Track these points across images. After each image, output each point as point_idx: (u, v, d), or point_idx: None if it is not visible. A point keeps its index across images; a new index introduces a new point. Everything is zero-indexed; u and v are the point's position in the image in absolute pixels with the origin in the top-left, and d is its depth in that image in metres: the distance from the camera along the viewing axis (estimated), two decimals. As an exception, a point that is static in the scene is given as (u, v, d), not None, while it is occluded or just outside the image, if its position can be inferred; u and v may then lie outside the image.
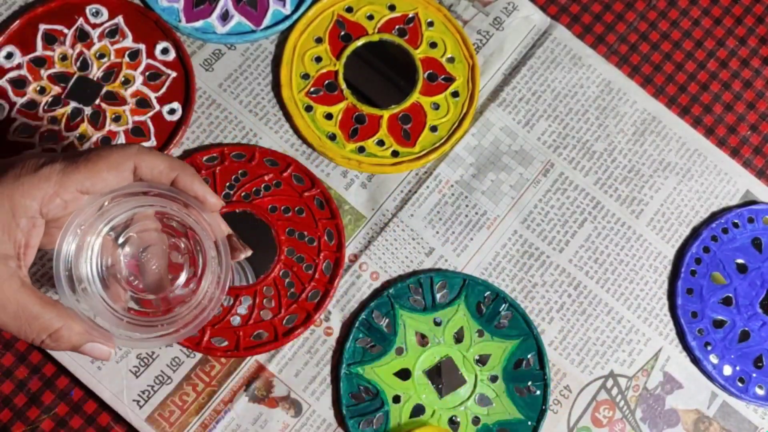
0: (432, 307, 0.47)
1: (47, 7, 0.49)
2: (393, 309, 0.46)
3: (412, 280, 0.47)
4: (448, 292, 0.47)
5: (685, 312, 0.49)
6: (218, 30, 0.51)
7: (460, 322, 0.46)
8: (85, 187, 0.34)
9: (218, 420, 0.45)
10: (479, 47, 0.53)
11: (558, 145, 0.51)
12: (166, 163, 0.36)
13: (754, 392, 0.48)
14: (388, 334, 0.46)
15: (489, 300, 0.47)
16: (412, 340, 0.46)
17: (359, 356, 0.45)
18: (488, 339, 0.46)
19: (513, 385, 0.46)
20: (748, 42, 0.54)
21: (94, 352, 0.35)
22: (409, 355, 0.46)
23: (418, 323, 0.46)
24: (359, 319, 0.46)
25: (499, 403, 0.46)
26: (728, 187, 0.51)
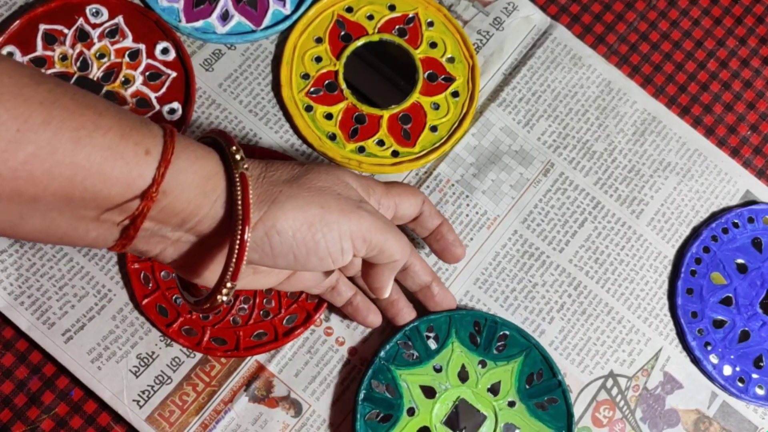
0: (427, 356, 0.45)
1: (47, 7, 0.49)
2: (390, 371, 0.45)
3: (399, 337, 0.45)
4: (438, 335, 0.46)
5: (685, 312, 0.49)
6: (218, 30, 0.51)
7: (459, 361, 0.45)
8: (398, 201, 0.42)
9: (218, 420, 0.45)
10: (479, 47, 0.53)
11: (558, 145, 0.51)
12: (440, 219, 0.45)
13: (754, 392, 0.48)
14: (393, 399, 0.44)
15: (480, 328, 0.46)
16: (420, 396, 0.45)
17: (373, 431, 0.44)
18: (492, 366, 0.45)
19: (532, 403, 0.45)
20: (748, 42, 0.54)
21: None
22: (422, 412, 0.44)
23: (420, 377, 0.45)
24: (359, 395, 0.44)
25: (526, 426, 0.45)
26: (728, 187, 0.51)
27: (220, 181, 0.35)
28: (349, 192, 0.38)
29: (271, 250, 0.36)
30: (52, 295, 0.46)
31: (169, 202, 0.34)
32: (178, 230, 0.36)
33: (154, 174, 0.33)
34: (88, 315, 0.46)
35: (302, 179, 0.37)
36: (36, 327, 0.45)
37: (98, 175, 0.32)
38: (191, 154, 0.34)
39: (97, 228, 0.34)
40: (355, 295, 0.45)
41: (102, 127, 0.32)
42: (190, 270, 0.38)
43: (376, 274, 0.41)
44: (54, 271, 0.46)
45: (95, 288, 0.46)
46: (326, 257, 0.37)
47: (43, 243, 0.36)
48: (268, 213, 0.35)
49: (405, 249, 0.40)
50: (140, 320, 0.46)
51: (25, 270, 0.46)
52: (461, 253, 0.45)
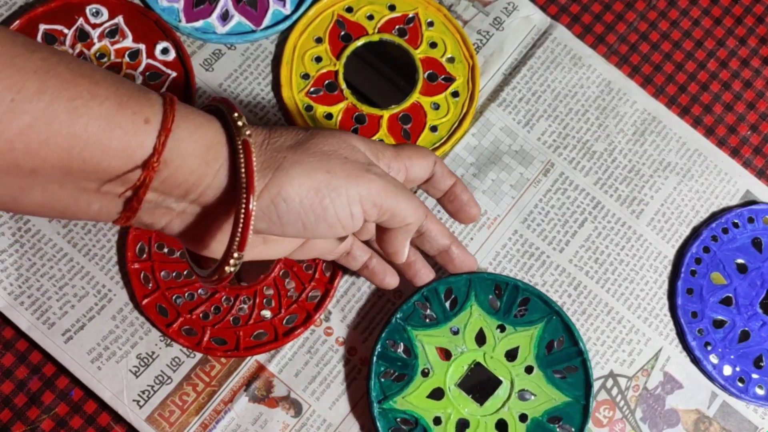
0: (445, 318, 0.45)
1: (47, 7, 0.49)
2: (406, 332, 0.44)
3: (417, 297, 0.45)
4: (457, 297, 0.45)
5: (685, 312, 0.49)
6: (218, 30, 0.51)
7: (477, 324, 0.45)
8: (408, 164, 0.40)
9: (218, 420, 0.45)
10: (479, 47, 0.53)
11: (558, 145, 0.51)
12: (452, 179, 0.43)
13: (754, 392, 0.48)
14: (408, 359, 0.44)
15: (501, 292, 0.45)
16: (435, 358, 0.44)
17: (387, 390, 0.44)
18: (511, 332, 0.45)
19: (551, 370, 0.44)
20: (748, 42, 0.54)
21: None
22: (437, 374, 0.44)
23: (436, 338, 0.45)
24: (375, 353, 0.44)
25: (542, 393, 0.44)
26: (728, 187, 0.51)
27: (223, 150, 0.34)
28: (357, 155, 0.37)
29: (279, 218, 0.35)
30: (52, 295, 0.46)
31: (171, 172, 0.33)
32: (183, 201, 0.35)
33: (155, 143, 0.32)
34: (88, 315, 0.46)
35: (307, 144, 0.36)
36: (36, 327, 0.45)
37: (96, 145, 0.31)
38: (192, 123, 0.34)
39: (100, 200, 0.33)
40: (371, 258, 0.45)
41: (99, 96, 0.31)
42: (197, 242, 0.37)
43: (390, 238, 0.40)
44: (54, 271, 0.46)
45: (95, 288, 0.46)
46: (336, 223, 0.36)
47: (46, 217, 0.35)
48: (273, 180, 0.35)
49: (418, 211, 0.39)
50: (140, 320, 0.46)
51: (25, 270, 0.46)
52: (476, 213, 0.44)
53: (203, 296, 0.46)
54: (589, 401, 0.44)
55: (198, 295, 0.46)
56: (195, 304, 0.46)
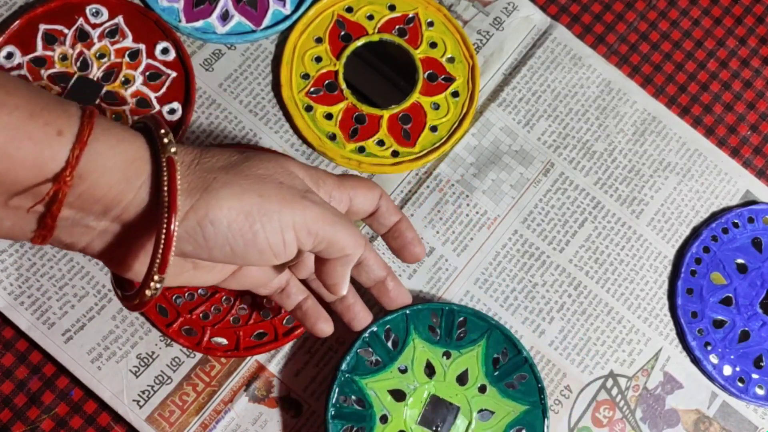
0: (390, 359, 0.44)
1: (47, 7, 0.49)
2: (355, 383, 0.43)
3: (358, 345, 0.43)
4: (397, 335, 0.45)
5: (685, 312, 0.49)
6: (218, 30, 0.51)
7: (423, 357, 0.44)
8: (352, 194, 0.39)
9: (218, 420, 0.45)
10: (479, 47, 0.53)
11: (558, 145, 0.51)
12: (398, 216, 0.42)
13: (754, 392, 0.48)
14: (363, 410, 0.43)
15: (438, 319, 0.45)
16: (390, 401, 0.43)
17: None
18: (457, 355, 0.45)
19: (503, 384, 0.45)
20: (749, 42, 0.54)
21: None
22: (395, 417, 0.43)
23: (386, 382, 0.44)
24: (329, 414, 0.43)
25: (500, 408, 0.44)
26: (728, 187, 0.51)
27: (145, 166, 0.33)
28: (293, 181, 0.36)
29: (205, 241, 0.33)
30: (52, 295, 0.46)
31: (88, 188, 0.31)
32: (103, 219, 0.33)
33: (68, 156, 0.30)
34: (88, 315, 0.46)
35: (240, 166, 0.35)
36: (36, 327, 0.45)
37: (3, 156, 0.29)
38: (113, 137, 0.32)
39: (10, 216, 0.32)
40: (306, 299, 0.43)
41: (7, 105, 0.30)
42: (120, 263, 0.35)
43: (328, 270, 0.38)
44: (54, 271, 0.46)
45: (95, 288, 0.46)
46: (266, 250, 0.35)
47: None
48: (200, 201, 0.33)
49: (358, 242, 0.37)
50: (140, 320, 0.46)
51: (25, 270, 0.46)
52: (420, 252, 0.42)
53: (203, 296, 0.46)
54: (544, 402, 0.44)
55: (198, 295, 0.46)
56: (195, 304, 0.46)
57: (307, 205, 0.35)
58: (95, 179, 0.31)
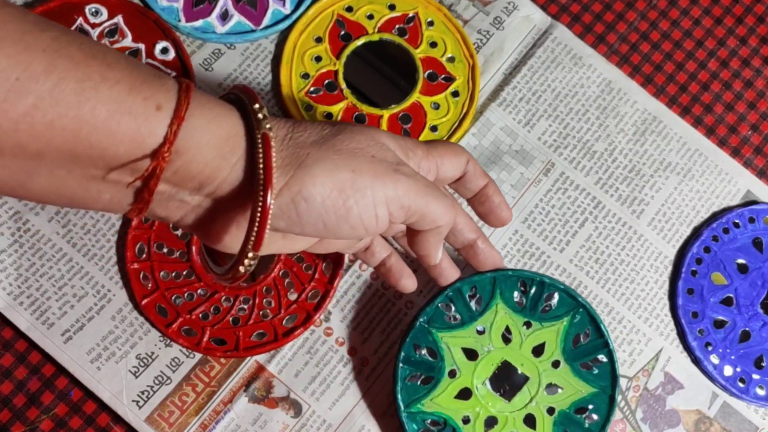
0: (470, 319, 0.44)
1: (47, 7, 0.49)
2: (431, 335, 0.44)
3: (440, 299, 0.44)
4: (482, 297, 0.44)
5: (686, 312, 0.49)
6: (218, 29, 0.51)
7: (503, 323, 0.44)
8: (440, 162, 0.39)
9: (218, 420, 0.45)
10: (479, 47, 0.53)
11: (558, 144, 0.51)
12: (485, 180, 0.41)
13: (755, 393, 0.48)
14: (434, 361, 0.44)
15: (526, 289, 0.45)
16: (462, 358, 0.44)
17: (414, 393, 0.43)
18: (538, 327, 0.44)
19: (577, 364, 0.44)
20: (749, 41, 0.54)
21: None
22: (464, 374, 0.44)
23: (462, 339, 0.44)
24: (399, 358, 0.43)
25: (569, 386, 0.44)
26: (729, 186, 0.51)
27: (241, 142, 0.33)
28: (385, 154, 0.35)
29: (299, 217, 0.34)
30: (51, 295, 0.46)
31: (184, 164, 0.32)
32: (197, 194, 0.34)
33: (166, 132, 0.30)
34: (87, 315, 0.46)
35: (333, 140, 0.34)
36: (35, 327, 0.45)
37: (104, 130, 0.30)
38: (208, 112, 0.32)
39: (110, 189, 0.32)
40: (390, 257, 0.43)
41: (109, 79, 0.30)
42: (212, 237, 0.35)
43: (420, 241, 0.38)
44: (53, 272, 0.46)
45: (95, 288, 0.46)
46: (359, 225, 0.34)
47: (56, 204, 0.33)
48: (294, 178, 0.33)
49: (449, 212, 0.37)
50: (140, 320, 0.46)
51: (24, 270, 0.46)
52: (508, 216, 0.42)
53: (203, 296, 0.46)
54: (614, 392, 0.44)
55: (197, 295, 0.46)
56: (194, 304, 0.46)
57: (399, 178, 0.35)
58: (192, 155, 0.32)
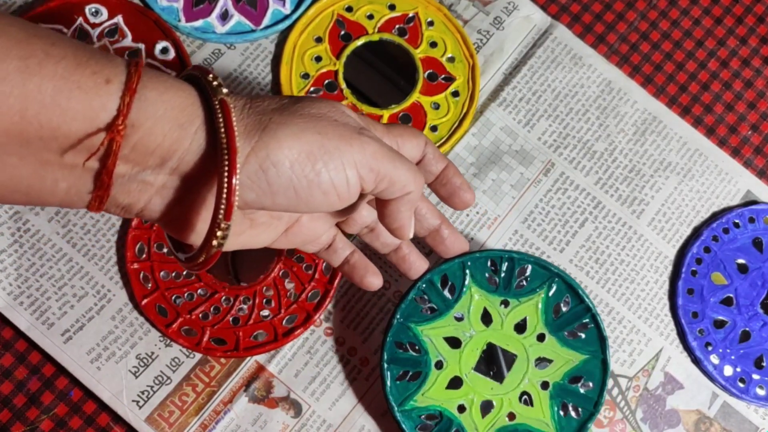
0: (446, 307, 0.44)
1: (47, 7, 0.49)
2: (410, 330, 0.44)
3: (414, 293, 0.44)
4: (454, 283, 0.45)
5: (686, 312, 0.49)
6: (218, 29, 0.51)
7: (480, 305, 0.44)
8: (400, 142, 0.38)
9: (218, 420, 0.45)
10: (479, 47, 0.53)
11: (559, 144, 0.51)
12: (444, 162, 0.40)
13: (755, 393, 0.48)
14: (419, 356, 0.44)
15: (497, 267, 0.45)
16: (445, 348, 0.44)
17: (405, 391, 0.43)
18: (516, 304, 0.44)
19: (563, 333, 0.44)
20: (749, 41, 0.54)
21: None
22: (451, 364, 0.44)
23: (442, 329, 0.44)
24: (384, 359, 0.43)
25: (558, 357, 0.44)
26: (729, 186, 0.51)
27: (198, 111, 0.32)
28: (347, 119, 0.35)
29: (269, 186, 0.32)
30: (51, 295, 0.46)
31: (141, 138, 0.31)
32: (160, 172, 0.32)
33: (118, 104, 0.30)
34: (87, 315, 0.46)
35: (294, 107, 0.34)
36: (35, 327, 0.45)
37: (53, 107, 0.29)
38: (160, 85, 0.31)
39: (66, 177, 0.31)
40: (353, 253, 0.42)
41: (54, 55, 0.29)
42: (181, 224, 0.34)
43: (392, 212, 0.37)
44: (53, 272, 0.46)
45: (95, 288, 0.46)
46: (330, 190, 0.33)
47: (11, 201, 0.32)
48: (259, 143, 0.32)
49: (418, 177, 0.36)
50: (140, 320, 0.46)
51: (24, 270, 0.46)
52: (470, 198, 0.41)
53: (203, 296, 0.46)
54: (606, 354, 0.44)
55: (197, 295, 0.46)
56: (194, 304, 0.46)
57: (366, 141, 0.34)
58: (148, 128, 0.31)
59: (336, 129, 0.33)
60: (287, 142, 0.32)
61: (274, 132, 0.32)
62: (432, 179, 0.41)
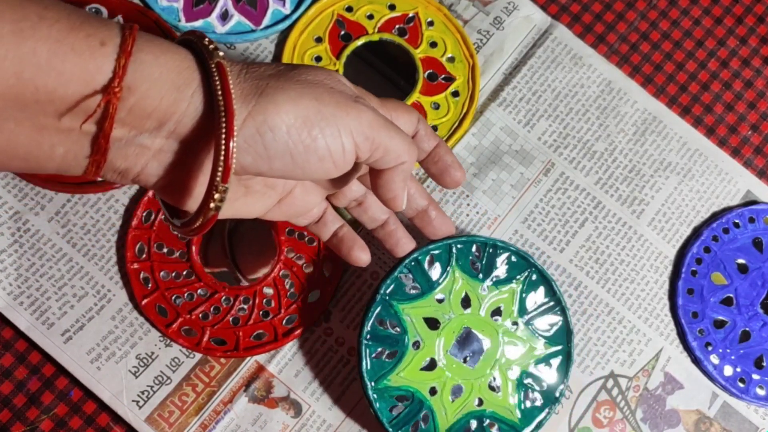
0: (429, 288, 0.44)
1: (46, 7, 0.49)
2: (392, 307, 0.44)
3: (399, 270, 0.44)
4: (439, 265, 0.45)
5: (686, 312, 0.49)
6: (218, 29, 0.51)
7: (462, 289, 0.44)
8: (394, 116, 0.39)
9: (218, 420, 0.45)
10: (479, 47, 0.53)
11: (559, 144, 0.51)
12: (436, 140, 0.41)
13: (755, 393, 0.48)
14: (398, 334, 0.44)
15: (480, 253, 0.45)
16: (424, 328, 0.44)
17: (380, 369, 0.43)
18: (494, 290, 0.45)
19: (533, 323, 0.45)
20: (749, 41, 0.54)
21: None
22: (427, 345, 0.44)
23: (423, 309, 0.44)
24: (364, 334, 0.43)
25: (528, 346, 0.44)
26: (729, 186, 0.51)
27: (194, 74, 0.32)
28: (343, 87, 0.35)
29: (266, 150, 0.32)
30: (51, 295, 0.46)
31: (138, 101, 0.31)
32: (158, 135, 0.32)
33: (114, 66, 0.30)
34: (87, 315, 0.46)
35: (290, 73, 0.34)
36: (35, 327, 0.45)
37: (48, 70, 0.29)
38: (156, 48, 0.31)
39: (63, 141, 0.31)
40: (342, 227, 0.42)
41: (47, 18, 0.29)
42: (177, 189, 0.34)
43: (386, 181, 0.37)
44: (53, 272, 0.46)
45: (95, 288, 0.46)
46: (326, 156, 0.34)
47: (9, 168, 0.32)
48: (256, 107, 0.32)
49: (412, 147, 0.36)
50: (140, 320, 0.46)
51: (24, 270, 0.46)
52: (461, 176, 0.41)
53: (203, 296, 0.46)
54: (570, 346, 0.44)
55: (197, 295, 0.46)
56: (194, 304, 0.46)
57: (362, 109, 0.34)
58: (144, 90, 0.31)
59: (332, 96, 0.34)
60: (285, 106, 0.32)
61: (272, 96, 0.32)
62: (423, 156, 0.41)
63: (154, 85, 0.31)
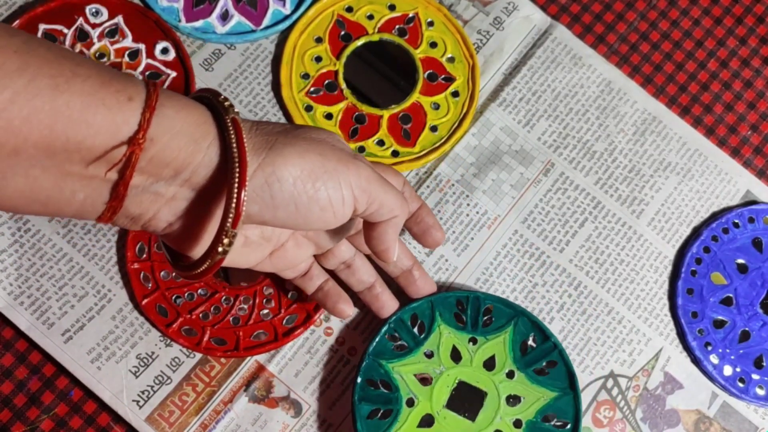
0: (416, 344, 0.45)
1: (47, 7, 0.49)
2: (382, 367, 0.44)
3: (385, 330, 0.44)
4: (423, 321, 0.45)
5: (686, 312, 0.49)
6: (218, 30, 0.51)
7: (449, 342, 0.45)
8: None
9: (218, 420, 0.45)
10: (479, 47, 0.53)
11: (558, 144, 0.51)
12: (419, 203, 0.45)
13: (755, 392, 0.48)
14: (390, 393, 0.44)
15: (463, 306, 0.46)
16: (416, 385, 0.44)
17: (376, 430, 0.43)
18: (483, 341, 0.45)
19: (531, 370, 0.45)
20: (749, 42, 0.54)
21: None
22: (422, 401, 0.44)
23: (413, 366, 0.44)
24: (355, 397, 0.43)
25: (529, 394, 0.44)
26: (729, 187, 0.51)
27: (211, 128, 0.34)
28: (343, 146, 0.38)
29: (272, 199, 0.35)
30: (51, 295, 0.46)
31: (158, 151, 0.33)
32: (172, 183, 0.34)
33: (140, 119, 0.32)
34: (87, 315, 0.46)
35: (296, 131, 0.37)
36: (35, 327, 0.45)
37: (80, 122, 0.31)
38: (177, 103, 0.34)
39: (84, 188, 0.33)
40: (327, 281, 0.45)
41: (80, 75, 0.31)
42: (184, 235, 0.36)
43: (379, 234, 0.40)
44: (54, 271, 0.46)
45: (95, 288, 0.46)
46: (328, 207, 0.36)
47: (28, 211, 0.34)
48: (266, 159, 0.35)
49: (404, 204, 0.39)
50: (140, 320, 0.46)
51: (24, 270, 0.46)
52: (441, 237, 0.45)
53: (203, 296, 0.46)
54: (576, 391, 0.44)
55: (198, 295, 0.46)
56: (195, 304, 0.46)
57: (360, 165, 0.37)
58: (165, 141, 0.33)
59: (335, 152, 0.37)
60: (292, 160, 0.35)
61: (281, 150, 0.35)
62: (407, 217, 0.44)
63: (174, 137, 0.33)
